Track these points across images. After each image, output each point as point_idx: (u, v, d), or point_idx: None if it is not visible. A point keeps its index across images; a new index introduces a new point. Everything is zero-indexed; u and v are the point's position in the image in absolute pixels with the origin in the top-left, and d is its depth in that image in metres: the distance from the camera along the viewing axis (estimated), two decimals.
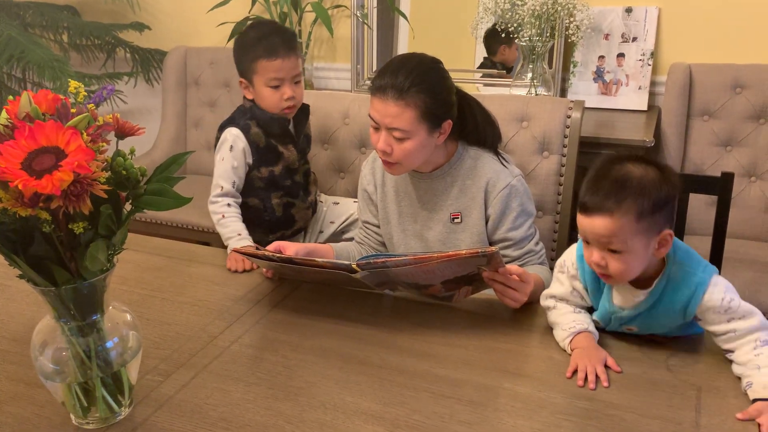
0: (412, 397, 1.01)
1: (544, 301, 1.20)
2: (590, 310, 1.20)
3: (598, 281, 1.14)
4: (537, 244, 1.43)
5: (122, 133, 0.89)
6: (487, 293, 1.25)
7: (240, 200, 1.75)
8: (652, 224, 1.03)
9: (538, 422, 0.95)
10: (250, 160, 1.74)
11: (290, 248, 1.32)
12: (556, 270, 1.21)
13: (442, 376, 1.06)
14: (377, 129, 1.33)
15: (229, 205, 1.72)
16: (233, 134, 1.72)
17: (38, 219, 0.79)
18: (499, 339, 1.16)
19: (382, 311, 1.27)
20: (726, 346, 1.06)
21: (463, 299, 1.26)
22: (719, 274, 1.08)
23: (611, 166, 1.06)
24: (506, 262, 1.37)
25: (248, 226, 1.73)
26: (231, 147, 1.72)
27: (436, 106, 1.30)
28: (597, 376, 1.03)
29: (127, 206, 0.88)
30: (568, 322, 1.13)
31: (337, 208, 1.97)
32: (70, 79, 0.88)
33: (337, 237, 1.95)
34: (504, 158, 1.43)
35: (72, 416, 0.97)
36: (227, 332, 1.20)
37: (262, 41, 1.67)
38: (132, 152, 0.88)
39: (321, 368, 1.08)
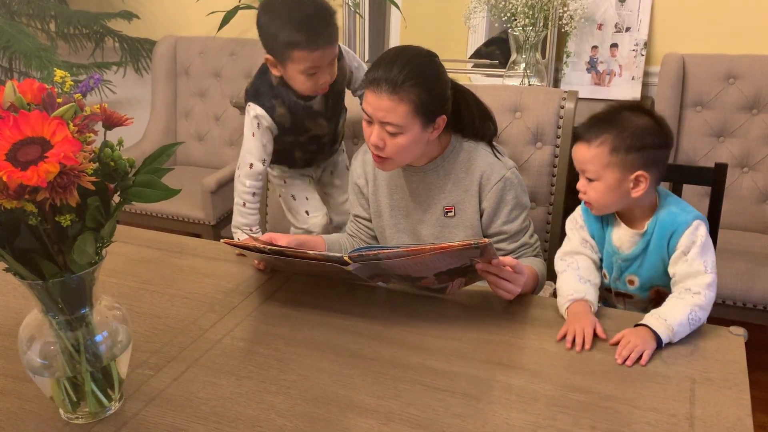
0: (406, 390, 1.00)
1: (557, 264, 1.29)
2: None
3: (602, 228, 1.28)
4: (532, 236, 1.43)
5: (110, 123, 0.87)
6: (481, 285, 1.25)
7: (266, 174, 1.74)
8: (626, 162, 1.17)
9: (532, 415, 0.94)
10: (276, 133, 1.67)
11: (282, 239, 1.31)
12: (567, 229, 1.34)
13: (435, 369, 1.05)
14: (370, 122, 1.31)
15: (254, 194, 1.69)
16: (258, 113, 1.63)
17: (24, 211, 0.78)
18: (493, 331, 1.15)
19: (375, 304, 1.27)
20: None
21: (457, 291, 1.26)
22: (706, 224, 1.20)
23: (610, 109, 1.23)
24: (501, 256, 1.37)
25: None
26: (258, 125, 1.64)
27: (430, 101, 1.28)
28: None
29: (116, 198, 0.87)
30: (569, 290, 1.19)
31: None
32: (56, 69, 0.86)
33: (327, 187, 1.96)
34: (497, 150, 1.42)
35: (61, 411, 0.96)
36: (218, 325, 1.19)
37: (303, 26, 1.45)
38: (120, 143, 0.86)
39: (313, 361, 1.08)
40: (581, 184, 1.23)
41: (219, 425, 0.93)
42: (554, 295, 1.52)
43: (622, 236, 1.25)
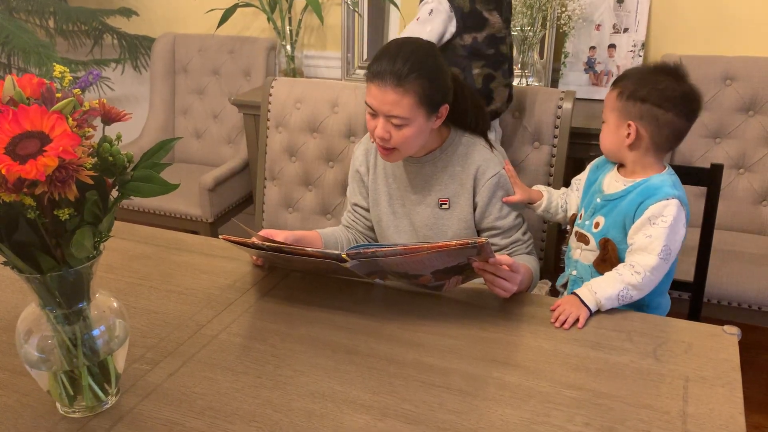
0: (401, 386, 1.01)
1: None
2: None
3: (597, 174, 1.39)
4: (525, 233, 1.44)
5: (108, 118, 0.88)
6: (477, 283, 1.25)
7: None
8: (627, 108, 1.25)
9: (526, 411, 0.95)
10: (453, 29, 1.65)
11: (279, 236, 1.31)
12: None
13: (431, 366, 1.06)
14: (374, 115, 1.32)
15: None
16: None
17: (23, 205, 0.78)
18: (489, 328, 1.16)
19: (372, 301, 1.27)
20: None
21: (453, 289, 1.26)
22: (685, 214, 1.25)
23: (654, 64, 1.32)
24: (494, 251, 1.38)
25: None
26: (431, 11, 1.62)
27: (434, 91, 1.29)
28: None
29: (114, 192, 0.87)
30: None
31: None
32: (55, 64, 0.86)
33: None
34: (493, 147, 1.42)
35: (58, 405, 0.96)
36: (215, 321, 1.19)
37: None
38: (118, 138, 0.86)
39: (310, 357, 1.08)
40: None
41: (215, 420, 0.94)
42: (551, 293, 1.53)
43: (611, 180, 1.35)
